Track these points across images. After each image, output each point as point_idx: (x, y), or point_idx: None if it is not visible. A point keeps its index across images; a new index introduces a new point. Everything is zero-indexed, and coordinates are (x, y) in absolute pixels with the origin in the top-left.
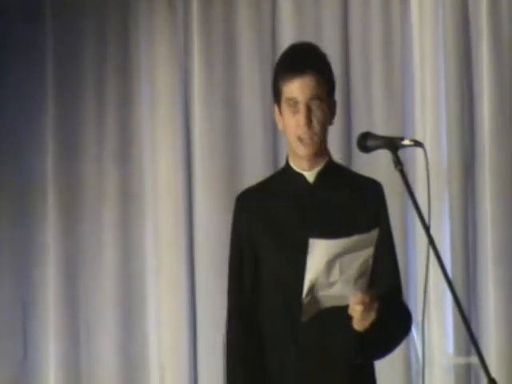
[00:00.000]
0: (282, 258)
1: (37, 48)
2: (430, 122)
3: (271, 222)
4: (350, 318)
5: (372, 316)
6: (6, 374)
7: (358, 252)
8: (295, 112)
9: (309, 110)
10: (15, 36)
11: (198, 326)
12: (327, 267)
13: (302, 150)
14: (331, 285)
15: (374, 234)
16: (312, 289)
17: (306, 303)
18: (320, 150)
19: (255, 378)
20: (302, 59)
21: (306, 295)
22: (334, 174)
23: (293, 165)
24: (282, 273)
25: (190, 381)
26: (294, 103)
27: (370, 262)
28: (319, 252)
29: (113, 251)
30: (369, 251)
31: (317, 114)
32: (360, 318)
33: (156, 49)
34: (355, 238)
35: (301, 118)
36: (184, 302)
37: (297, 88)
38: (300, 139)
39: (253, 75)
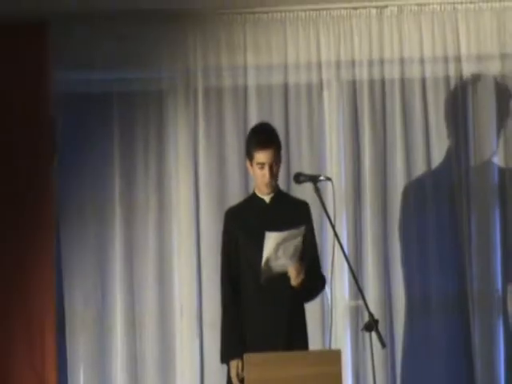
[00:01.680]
0: (251, 246)
1: (106, 134)
2: (335, 165)
3: (245, 226)
4: (288, 279)
5: (301, 277)
6: (91, 309)
7: (293, 240)
8: (262, 169)
9: (271, 169)
10: (92, 129)
11: (202, 282)
12: (276, 248)
13: (266, 190)
14: (278, 258)
15: (302, 228)
16: (267, 261)
17: (263, 270)
18: (274, 186)
19: (237, 316)
20: (267, 138)
21: (264, 265)
22: (281, 197)
23: (257, 193)
24: (251, 255)
25: (198, 314)
26: (261, 165)
27: (301, 246)
28: (271, 239)
29: (154, 245)
30: (300, 239)
31: (275, 170)
32: (294, 277)
33: (178, 129)
34: (292, 231)
35: (266, 174)
36: (194, 270)
37: (264, 157)
38: (265, 184)
39: (233, 143)
